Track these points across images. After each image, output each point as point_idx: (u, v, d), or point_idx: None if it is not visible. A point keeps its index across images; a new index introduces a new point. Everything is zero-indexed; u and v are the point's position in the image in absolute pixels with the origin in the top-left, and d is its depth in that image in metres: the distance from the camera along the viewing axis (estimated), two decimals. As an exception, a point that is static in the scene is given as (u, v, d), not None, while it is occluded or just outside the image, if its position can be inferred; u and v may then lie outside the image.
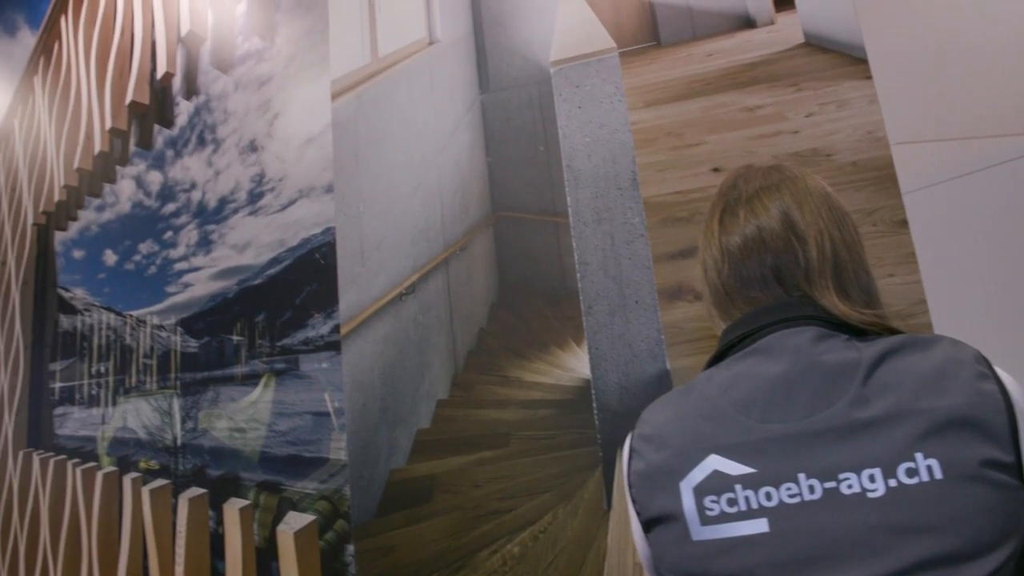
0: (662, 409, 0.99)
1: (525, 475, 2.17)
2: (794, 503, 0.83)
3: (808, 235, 0.98)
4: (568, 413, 2.15)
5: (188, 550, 2.40)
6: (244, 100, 2.65)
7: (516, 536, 2.14)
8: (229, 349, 2.47)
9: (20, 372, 2.72)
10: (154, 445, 2.51)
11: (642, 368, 2.11)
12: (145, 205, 2.72)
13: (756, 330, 0.97)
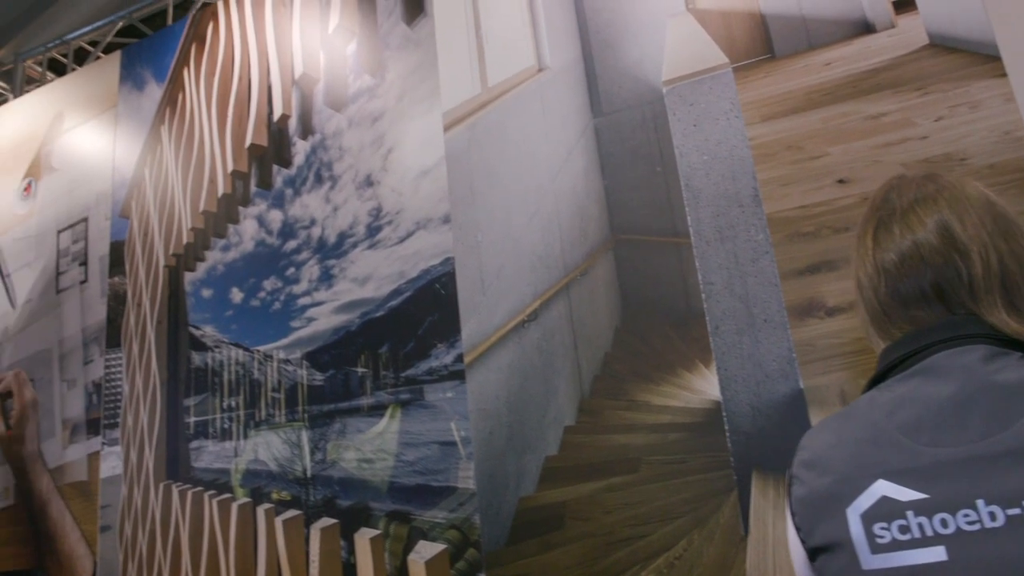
0: (821, 434, 0.98)
1: (657, 501, 2.17)
2: (974, 531, 0.80)
3: (971, 249, 0.95)
4: (699, 436, 2.14)
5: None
6: (358, 137, 2.77)
7: (651, 563, 2.14)
8: (354, 381, 2.56)
9: (158, 408, 2.88)
10: (285, 476, 2.61)
11: (774, 388, 2.09)
12: (267, 243, 2.86)
13: (920, 349, 0.95)
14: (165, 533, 2.84)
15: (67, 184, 3.63)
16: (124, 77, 3.60)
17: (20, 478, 3.34)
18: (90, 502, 3.08)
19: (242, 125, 3.07)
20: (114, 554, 2.97)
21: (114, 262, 3.32)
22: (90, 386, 3.22)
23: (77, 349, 3.32)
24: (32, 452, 3.32)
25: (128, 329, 3.17)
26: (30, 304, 3.57)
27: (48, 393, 3.36)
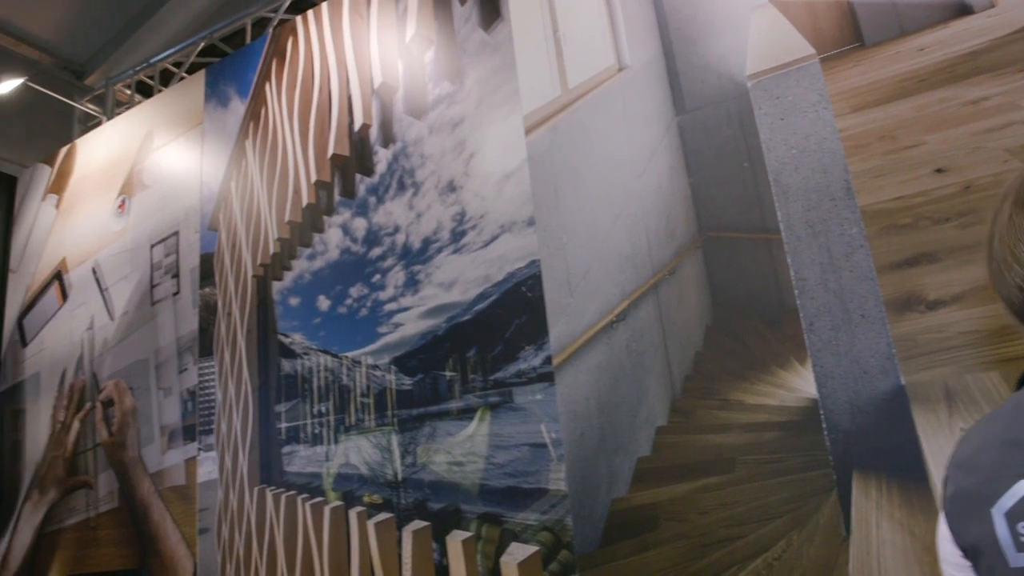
0: (972, 435, 0.98)
1: (753, 501, 2.15)
2: None
3: None
4: (796, 435, 2.12)
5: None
6: (439, 143, 2.82)
7: (748, 564, 2.12)
8: (443, 385, 2.60)
9: (250, 414, 2.97)
10: (376, 480, 2.67)
11: (873, 385, 2.05)
12: (352, 251, 2.93)
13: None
14: (261, 536, 2.93)
15: (158, 200, 3.78)
16: (209, 95, 3.74)
17: (123, 482, 3.49)
18: (188, 505, 3.20)
19: (324, 136, 3.16)
20: (213, 555, 3.08)
21: (204, 274, 3.44)
22: (185, 394, 3.35)
23: (172, 358, 3.45)
24: (133, 457, 3.47)
25: (219, 338, 3.29)
26: (127, 316, 3.73)
27: (146, 401, 3.51)
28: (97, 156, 4.28)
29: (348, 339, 2.85)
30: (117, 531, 3.49)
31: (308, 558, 2.78)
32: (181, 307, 3.49)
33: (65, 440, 3.83)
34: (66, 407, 3.89)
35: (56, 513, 3.79)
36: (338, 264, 2.96)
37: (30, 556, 3.81)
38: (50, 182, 4.51)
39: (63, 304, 4.12)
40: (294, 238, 3.13)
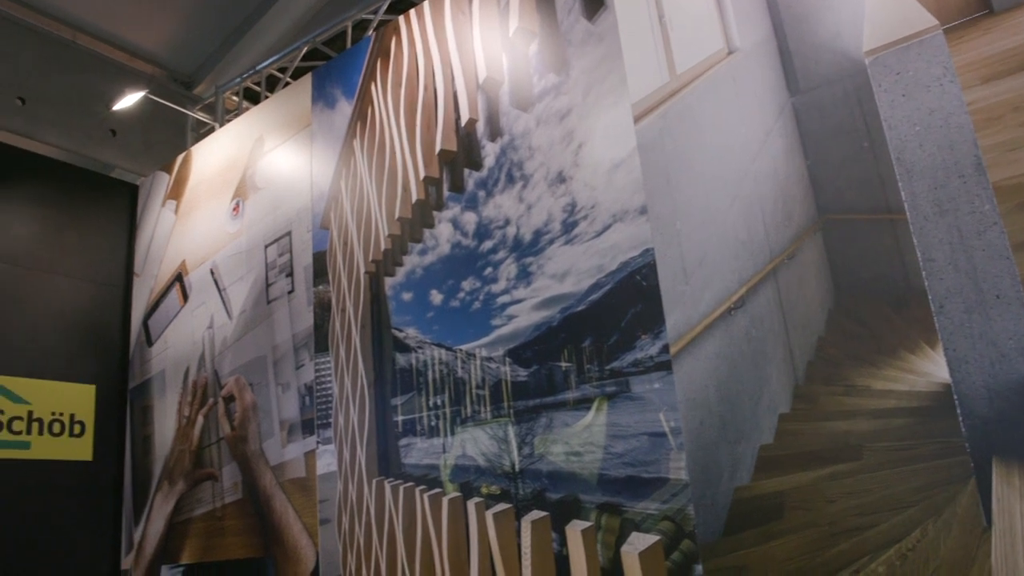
0: None
1: (884, 489, 2.12)
2: None
3: None
4: (928, 421, 2.08)
5: (535, 571, 2.59)
6: (547, 134, 2.87)
7: (880, 555, 2.09)
8: (558, 376, 2.66)
9: (367, 407, 3.09)
10: (493, 471, 2.74)
11: (1013, 368, 1.99)
12: (463, 245, 3.01)
13: None
14: (380, 526, 3.05)
15: (271, 201, 3.96)
16: (316, 97, 3.89)
17: (246, 474, 3.68)
18: (309, 497, 3.35)
19: (431, 132, 3.25)
20: (334, 545, 3.22)
21: (318, 272, 3.59)
22: (303, 389, 3.51)
23: (289, 355, 3.62)
24: (255, 451, 3.66)
25: (334, 334, 3.43)
26: (244, 314, 3.93)
27: (265, 396, 3.69)
28: (211, 162, 4.51)
29: (462, 332, 2.93)
30: (242, 521, 3.68)
31: (427, 548, 2.88)
32: (296, 305, 3.66)
33: (191, 434, 4.06)
34: (190, 403, 4.13)
35: (185, 503, 4.02)
36: (449, 258, 3.05)
37: (163, 543, 4.06)
38: (168, 188, 4.78)
39: (184, 305, 4.37)
40: (405, 234, 3.24)
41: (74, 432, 4.43)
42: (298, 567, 3.35)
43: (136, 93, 5.13)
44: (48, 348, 4.45)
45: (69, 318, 4.59)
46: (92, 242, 4.84)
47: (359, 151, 3.54)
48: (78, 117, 5.51)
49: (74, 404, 4.47)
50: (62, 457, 4.36)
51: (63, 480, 4.35)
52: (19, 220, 4.54)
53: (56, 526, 4.24)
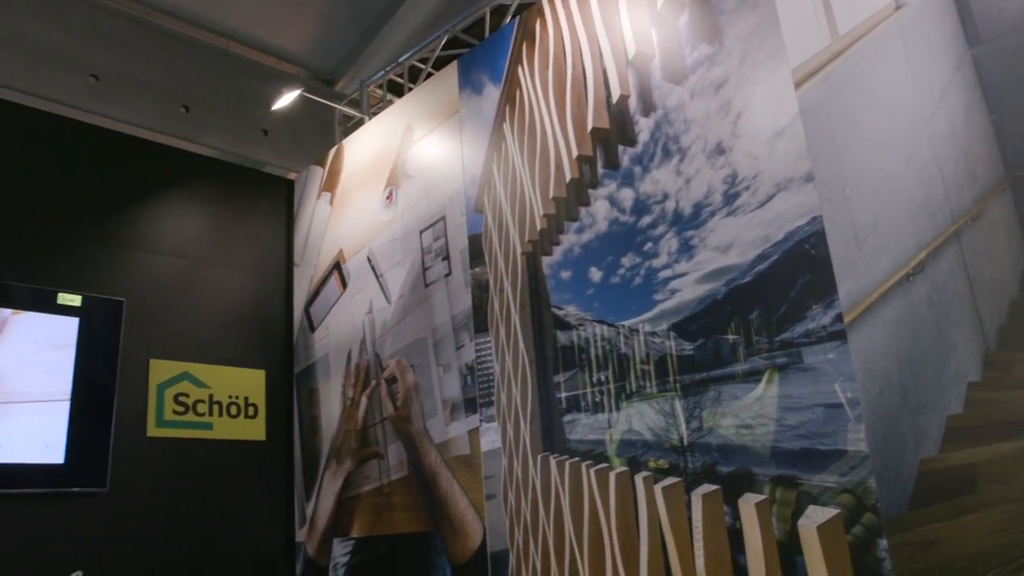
0: None
1: (1092, 461, 2.02)
2: None
3: None
4: None
5: (707, 545, 2.61)
6: (703, 106, 2.85)
7: (1088, 530, 2.00)
8: (725, 348, 2.65)
9: (529, 385, 3.17)
10: (661, 445, 2.77)
11: None
12: (621, 221, 3.03)
13: None
14: (547, 501, 3.13)
15: (423, 188, 4.11)
16: (463, 84, 4.00)
17: (411, 452, 3.86)
18: (474, 473, 3.48)
19: (582, 111, 3.28)
20: (501, 520, 3.33)
21: (474, 254, 3.70)
22: (464, 368, 3.64)
23: (448, 336, 3.75)
24: (419, 430, 3.82)
25: (493, 315, 3.53)
26: (403, 299, 4.10)
27: (427, 377, 3.84)
28: (363, 153, 4.71)
29: (623, 308, 2.97)
30: (408, 497, 3.86)
31: (595, 522, 2.94)
32: (453, 287, 3.79)
33: (355, 415, 4.28)
34: (354, 385, 4.35)
35: (353, 480, 4.24)
36: (607, 235, 3.09)
37: (333, 518, 4.31)
38: (323, 181, 5.03)
39: (343, 291, 4.59)
40: (560, 213, 3.29)
41: (248, 414, 4.76)
42: (466, 541, 3.49)
43: (292, 92, 5.41)
44: (222, 336, 4.79)
45: (238, 308, 4.93)
46: (254, 236, 5.16)
47: (509, 134, 3.62)
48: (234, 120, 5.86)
49: (247, 388, 4.80)
50: (239, 437, 4.69)
51: (240, 458, 4.68)
52: (191, 218, 4.89)
53: (236, 500, 4.57)
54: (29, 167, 4.28)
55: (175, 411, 4.49)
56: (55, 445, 3.95)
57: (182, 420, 4.50)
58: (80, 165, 4.48)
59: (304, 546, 4.54)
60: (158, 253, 4.66)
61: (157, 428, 4.40)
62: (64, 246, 4.29)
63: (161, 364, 4.49)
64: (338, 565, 4.24)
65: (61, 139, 4.46)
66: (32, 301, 4.05)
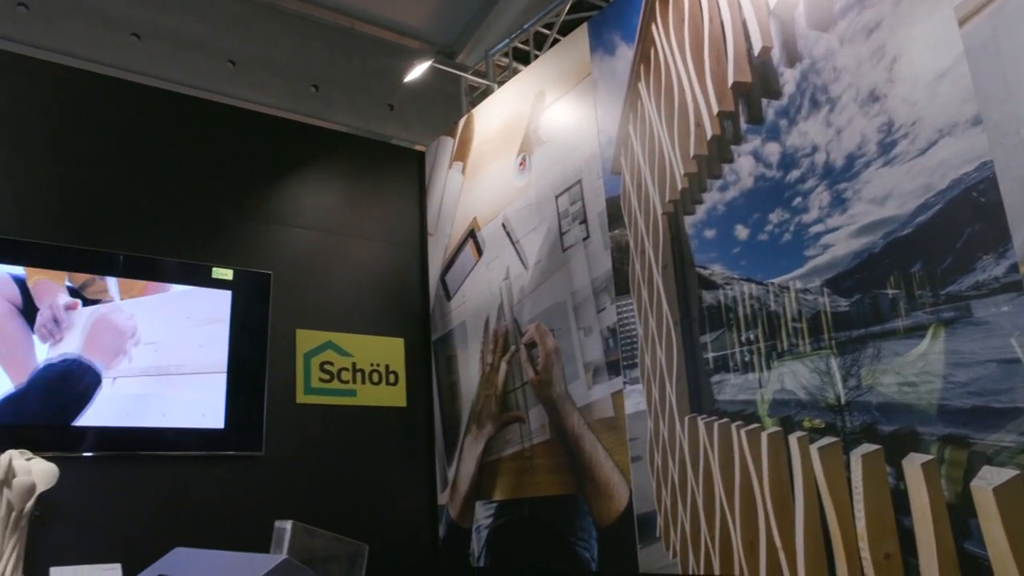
0: None
1: None
2: None
3: None
4: None
5: (868, 506, 2.55)
6: (853, 53, 2.75)
7: None
8: (884, 304, 2.57)
9: (674, 346, 3.17)
10: (816, 405, 2.72)
11: None
12: (767, 177, 2.97)
13: None
14: (695, 463, 3.13)
15: (557, 152, 4.13)
16: (594, 46, 3.98)
17: (553, 416, 3.93)
18: (619, 435, 3.51)
19: (721, 66, 3.23)
20: (647, 482, 3.35)
21: (612, 216, 3.71)
22: (605, 331, 3.66)
23: (589, 299, 3.79)
24: (560, 393, 3.88)
25: (635, 276, 3.53)
26: (540, 264, 4.15)
27: (568, 341, 3.89)
28: (493, 122, 4.77)
29: (772, 265, 2.92)
30: (551, 460, 3.94)
31: (747, 483, 2.92)
32: (592, 250, 3.81)
33: (495, 380, 4.38)
34: (492, 351, 4.45)
35: (494, 444, 4.36)
36: (753, 192, 3.03)
37: (475, 481, 4.44)
38: (454, 151, 5.13)
39: (479, 259, 4.69)
40: (702, 171, 3.26)
41: (390, 381, 4.94)
42: (611, 503, 3.54)
43: (423, 64, 5.53)
44: (362, 306, 4.99)
45: (376, 278, 5.11)
46: (388, 207, 5.33)
47: (645, 93, 3.60)
48: (360, 96, 6.03)
49: (388, 356, 4.98)
50: (381, 404, 4.89)
51: (383, 424, 4.88)
52: (328, 193, 5.09)
53: (380, 463, 4.78)
54: (180, 150, 4.55)
55: (321, 379, 4.71)
56: (213, 412, 4.22)
57: (328, 387, 4.72)
58: (225, 146, 4.73)
59: (447, 509, 4.70)
60: (299, 227, 4.88)
61: (305, 395, 4.64)
62: (214, 223, 4.56)
63: (306, 334, 4.72)
64: (481, 527, 4.38)
65: (206, 122, 4.72)
66: (189, 276, 4.32)
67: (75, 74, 4.36)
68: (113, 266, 4.07)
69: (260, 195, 4.78)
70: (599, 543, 3.59)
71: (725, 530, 2.99)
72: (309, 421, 4.62)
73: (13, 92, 4.09)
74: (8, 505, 2.34)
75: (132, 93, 4.52)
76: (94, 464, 3.81)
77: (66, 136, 4.19)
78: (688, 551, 3.14)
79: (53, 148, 4.14)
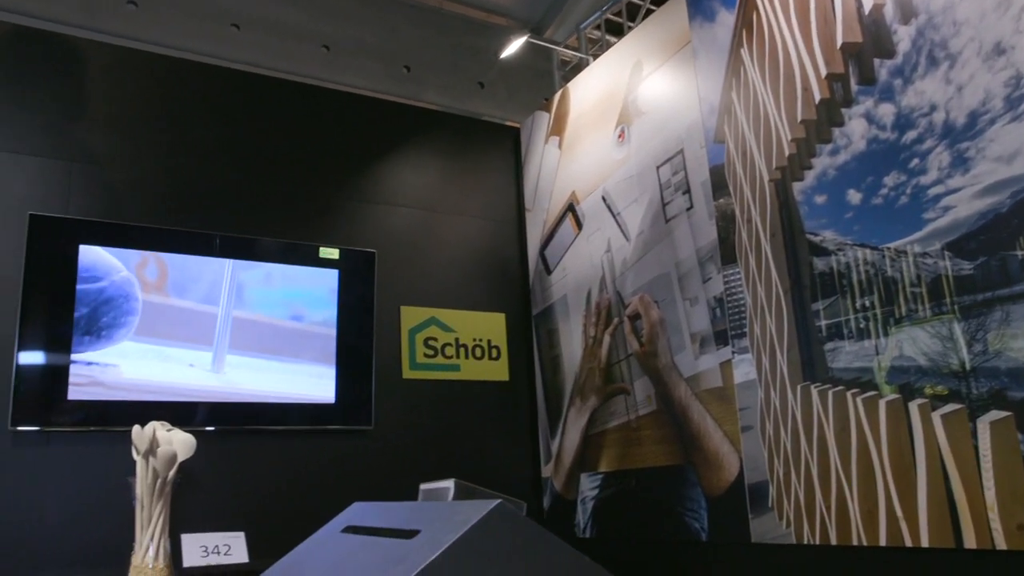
0: None
1: None
2: None
3: None
4: None
5: (997, 474, 2.48)
6: (975, 5, 2.65)
7: None
8: (1013, 265, 2.49)
9: (784, 315, 3.14)
10: (938, 371, 2.65)
11: None
12: (881, 139, 2.90)
13: None
14: (809, 432, 3.10)
15: (657, 123, 4.11)
16: (692, 14, 3.93)
17: (659, 387, 3.93)
18: (728, 405, 3.50)
19: (829, 27, 3.15)
20: (758, 451, 3.34)
21: (716, 185, 3.67)
22: (712, 301, 3.64)
23: (694, 269, 3.77)
24: (666, 364, 3.88)
25: (742, 245, 3.50)
26: (642, 235, 4.15)
27: (673, 312, 3.88)
28: (589, 95, 4.76)
29: (888, 230, 2.85)
30: (658, 431, 3.95)
31: (864, 451, 2.88)
32: (696, 220, 3.78)
33: (598, 353, 4.41)
34: (595, 323, 4.47)
35: (598, 416, 4.39)
36: (866, 155, 2.96)
37: (580, 453, 4.49)
38: (549, 126, 5.14)
39: (578, 232, 4.71)
40: (810, 136, 3.19)
41: (492, 356, 5.03)
42: (720, 473, 3.53)
43: (518, 40, 5.55)
44: (462, 282, 5.08)
45: (475, 254, 5.19)
46: (485, 184, 5.39)
47: (748, 59, 3.54)
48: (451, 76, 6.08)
49: (489, 331, 5.06)
50: (484, 378, 4.98)
51: (486, 398, 4.96)
52: (426, 171, 5.18)
53: (484, 437, 4.87)
54: (283, 135, 4.70)
55: (425, 354, 4.82)
56: (324, 388, 4.37)
57: (432, 363, 4.83)
58: (326, 129, 4.86)
59: (551, 481, 4.76)
60: (401, 206, 4.99)
61: (411, 370, 4.76)
62: (319, 204, 4.70)
63: (410, 311, 4.83)
64: (586, 499, 4.43)
65: (306, 106, 4.85)
66: (297, 256, 4.47)
67: (181, 65, 4.53)
68: (227, 248, 4.24)
69: (362, 175, 4.90)
70: (709, 513, 3.60)
71: (841, 499, 2.95)
72: (415, 396, 4.74)
73: (125, 85, 4.30)
74: (154, 472, 2.49)
75: (236, 81, 4.68)
76: (216, 438, 4.00)
77: (175, 125, 4.38)
78: (803, 521, 3.11)
79: (163, 137, 4.33)
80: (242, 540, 4.02)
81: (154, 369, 3.94)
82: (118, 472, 3.70)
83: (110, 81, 4.27)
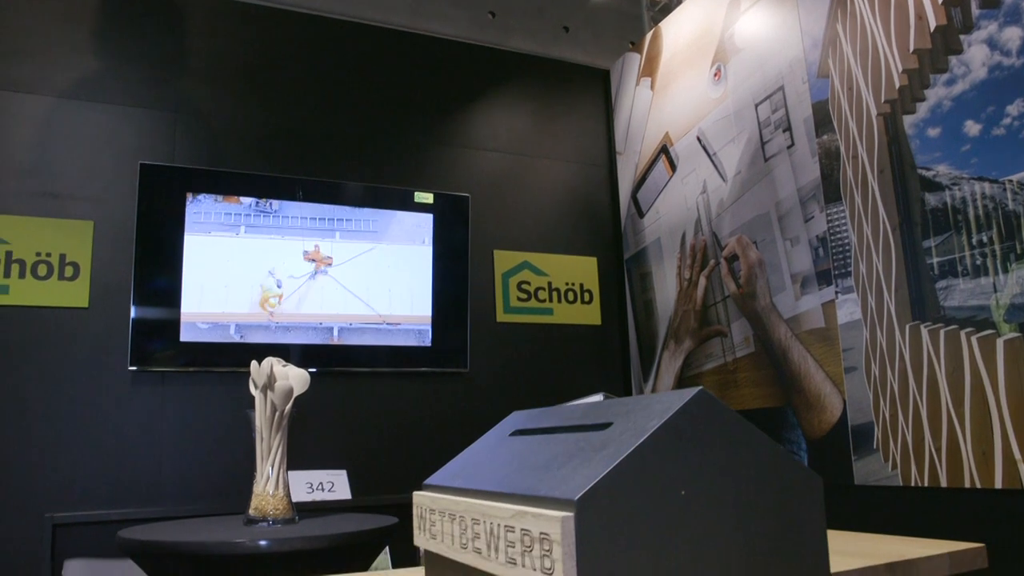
0: None
1: None
2: None
3: None
4: None
5: (1125, 413, 2.38)
6: (1112, -81, 2.46)
7: None
8: None
9: (892, 252, 3.03)
10: (1062, 308, 2.53)
11: None
12: (1005, 65, 2.74)
13: None
14: (918, 372, 3.01)
15: (755, 60, 3.97)
16: (793, -58, 3.76)
17: (758, 329, 3.87)
18: (830, 346, 3.42)
19: (946, -51, 2.97)
20: (863, 392, 3.26)
21: (819, 122, 3.55)
22: (814, 241, 3.54)
23: (795, 209, 3.66)
24: (765, 306, 3.81)
25: (847, 182, 3.38)
26: (740, 175, 4.05)
27: (772, 252, 3.80)
28: (682, 34, 4.63)
29: (1009, 162, 2.71)
30: (756, 373, 3.89)
31: (979, 392, 2.79)
32: (797, 158, 3.67)
33: (694, 295, 4.36)
34: (690, 266, 4.41)
35: (694, 359, 4.36)
36: (987, 83, 2.81)
37: (675, 397, 4.46)
38: (641, 67, 5.03)
39: (672, 175, 4.63)
40: (924, 66, 3.04)
41: (584, 300, 5.02)
42: (823, 415, 3.47)
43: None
44: (554, 226, 5.06)
45: (567, 198, 5.16)
46: (576, 127, 5.33)
47: (856, -12, 3.38)
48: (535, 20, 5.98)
49: (582, 275, 5.05)
50: (576, 322, 4.99)
51: (580, 342, 4.98)
52: (517, 115, 5.15)
53: (578, 380, 4.89)
54: (374, 82, 4.73)
55: (519, 298, 4.85)
56: (422, 332, 4.45)
57: (526, 307, 4.86)
58: (417, 76, 4.86)
59: (644, 422, 4.75)
60: (492, 151, 4.98)
61: (505, 314, 4.79)
62: (413, 150, 4.73)
63: (504, 255, 4.85)
64: (680, 440, 4.41)
65: (396, 53, 4.86)
66: (393, 201, 4.52)
67: (275, 15, 4.58)
68: (325, 193, 4.32)
69: (453, 120, 4.91)
70: (809, 455, 3.55)
71: (953, 441, 2.87)
72: (509, 339, 4.78)
73: (223, 36, 4.38)
74: (272, 406, 2.58)
75: (327, 29, 4.71)
76: (319, 379, 4.11)
77: (272, 74, 4.45)
78: (910, 463, 3.04)
79: (260, 87, 4.41)
80: (344, 477, 4.16)
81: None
82: (227, 409, 3.87)
83: (208, 32, 4.36)
